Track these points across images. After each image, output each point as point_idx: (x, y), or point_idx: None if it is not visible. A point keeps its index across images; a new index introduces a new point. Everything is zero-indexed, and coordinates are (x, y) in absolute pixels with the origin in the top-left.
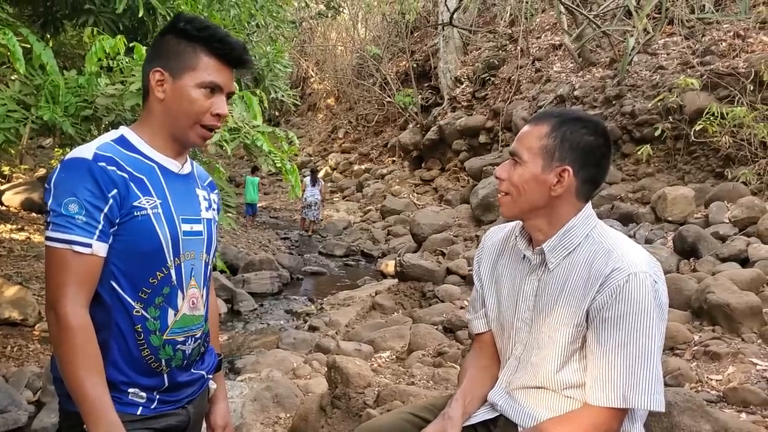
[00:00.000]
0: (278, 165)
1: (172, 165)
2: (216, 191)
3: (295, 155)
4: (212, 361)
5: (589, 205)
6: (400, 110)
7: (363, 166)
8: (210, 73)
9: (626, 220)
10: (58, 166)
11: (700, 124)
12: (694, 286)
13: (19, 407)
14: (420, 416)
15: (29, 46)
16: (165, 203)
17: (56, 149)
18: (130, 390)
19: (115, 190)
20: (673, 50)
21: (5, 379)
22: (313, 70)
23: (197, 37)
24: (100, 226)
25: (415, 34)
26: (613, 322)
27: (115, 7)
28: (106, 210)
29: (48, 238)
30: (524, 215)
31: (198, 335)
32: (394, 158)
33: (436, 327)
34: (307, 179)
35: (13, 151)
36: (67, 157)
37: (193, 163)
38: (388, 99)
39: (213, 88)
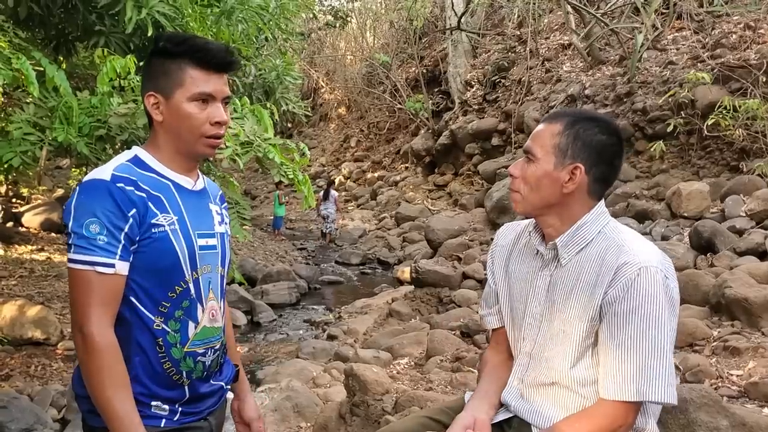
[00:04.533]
0: (290, 176)
1: (186, 182)
2: (225, 205)
3: (308, 166)
4: (230, 371)
5: (602, 202)
6: (411, 116)
7: (376, 174)
8: (198, 85)
9: (642, 217)
10: (77, 188)
11: (712, 118)
12: (711, 281)
13: (44, 425)
14: (436, 419)
15: (42, 69)
16: (181, 219)
17: (73, 169)
18: (153, 403)
19: (134, 210)
20: (683, 45)
21: (30, 398)
22: (323, 81)
23: (178, 53)
24: (121, 246)
25: (424, 40)
26: (624, 315)
27: (125, 27)
28: (126, 229)
29: (71, 260)
30: (536, 212)
31: (217, 347)
32: (407, 165)
33: (453, 332)
34: (321, 194)
35: (31, 173)
36: (85, 179)
37: (205, 179)
38: (399, 106)
39: (205, 99)
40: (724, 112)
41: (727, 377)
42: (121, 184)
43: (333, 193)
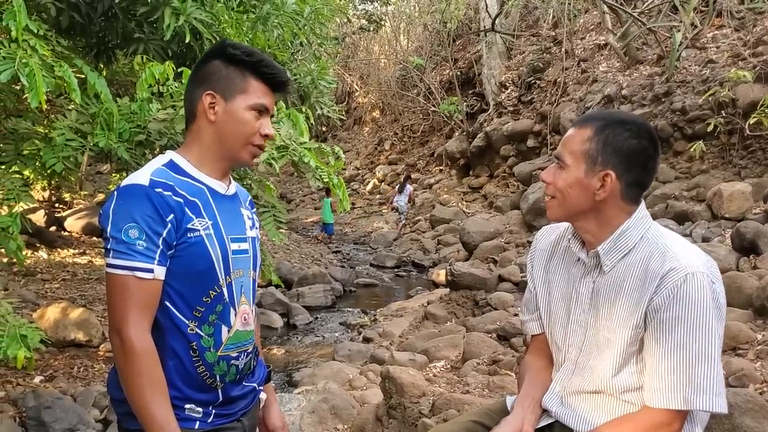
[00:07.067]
0: (326, 180)
1: (220, 187)
2: (254, 209)
3: (343, 169)
4: (262, 372)
5: (643, 205)
6: (446, 119)
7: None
8: (259, 96)
9: (681, 218)
10: (114, 193)
11: (754, 117)
12: (755, 283)
13: (87, 426)
14: (480, 422)
15: (84, 76)
16: (216, 224)
17: (114, 174)
18: (187, 406)
19: (172, 215)
20: (723, 43)
21: (73, 398)
22: (357, 84)
23: (246, 62)
24: (159, 251)
25: (458, 42)
26: (671, 322)
27: (163, 34)
28: (164, 234)
29: (109, 265)
30: (570, 218)
31: (250, 350)
32: (441, 167)
33: (489, 335)
34: (397, 186)
35: (73, 178)
36: (123, 184)
37: (235, 185)
38: (433, 108)
39: (261, 110)
40: (766, 110)
41: None
42: (160, 189)
43: (408, 187)
